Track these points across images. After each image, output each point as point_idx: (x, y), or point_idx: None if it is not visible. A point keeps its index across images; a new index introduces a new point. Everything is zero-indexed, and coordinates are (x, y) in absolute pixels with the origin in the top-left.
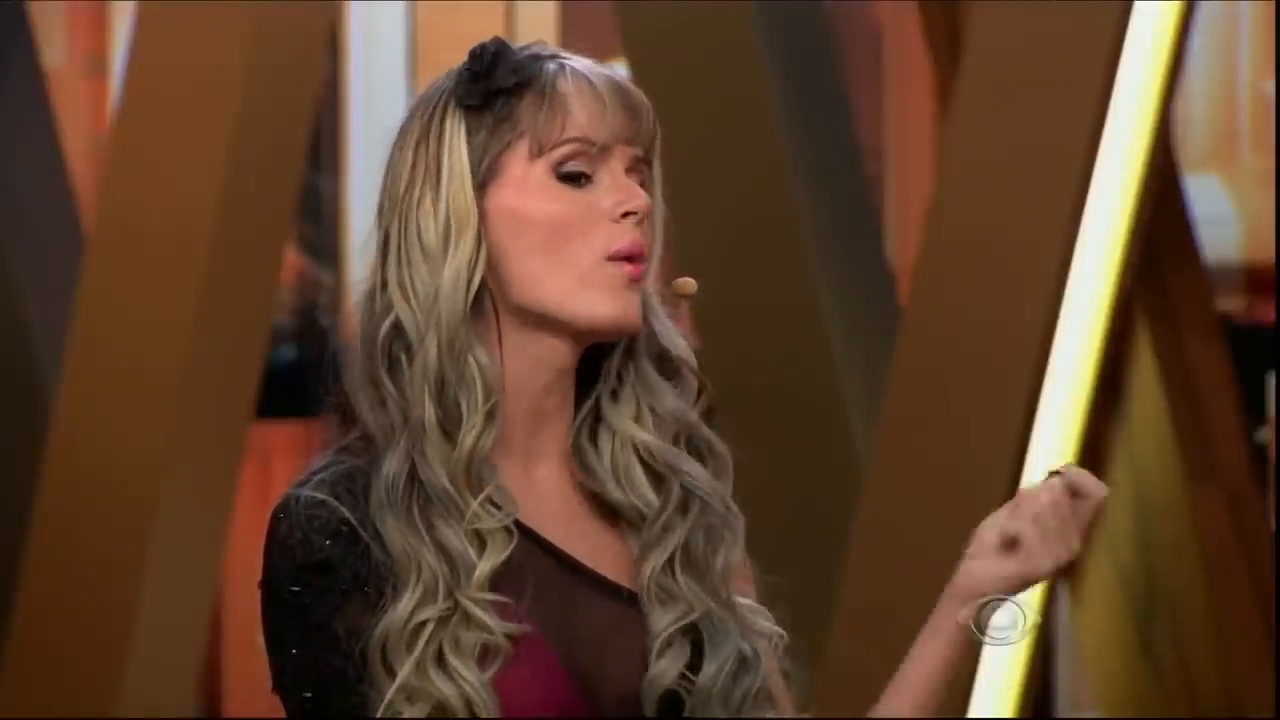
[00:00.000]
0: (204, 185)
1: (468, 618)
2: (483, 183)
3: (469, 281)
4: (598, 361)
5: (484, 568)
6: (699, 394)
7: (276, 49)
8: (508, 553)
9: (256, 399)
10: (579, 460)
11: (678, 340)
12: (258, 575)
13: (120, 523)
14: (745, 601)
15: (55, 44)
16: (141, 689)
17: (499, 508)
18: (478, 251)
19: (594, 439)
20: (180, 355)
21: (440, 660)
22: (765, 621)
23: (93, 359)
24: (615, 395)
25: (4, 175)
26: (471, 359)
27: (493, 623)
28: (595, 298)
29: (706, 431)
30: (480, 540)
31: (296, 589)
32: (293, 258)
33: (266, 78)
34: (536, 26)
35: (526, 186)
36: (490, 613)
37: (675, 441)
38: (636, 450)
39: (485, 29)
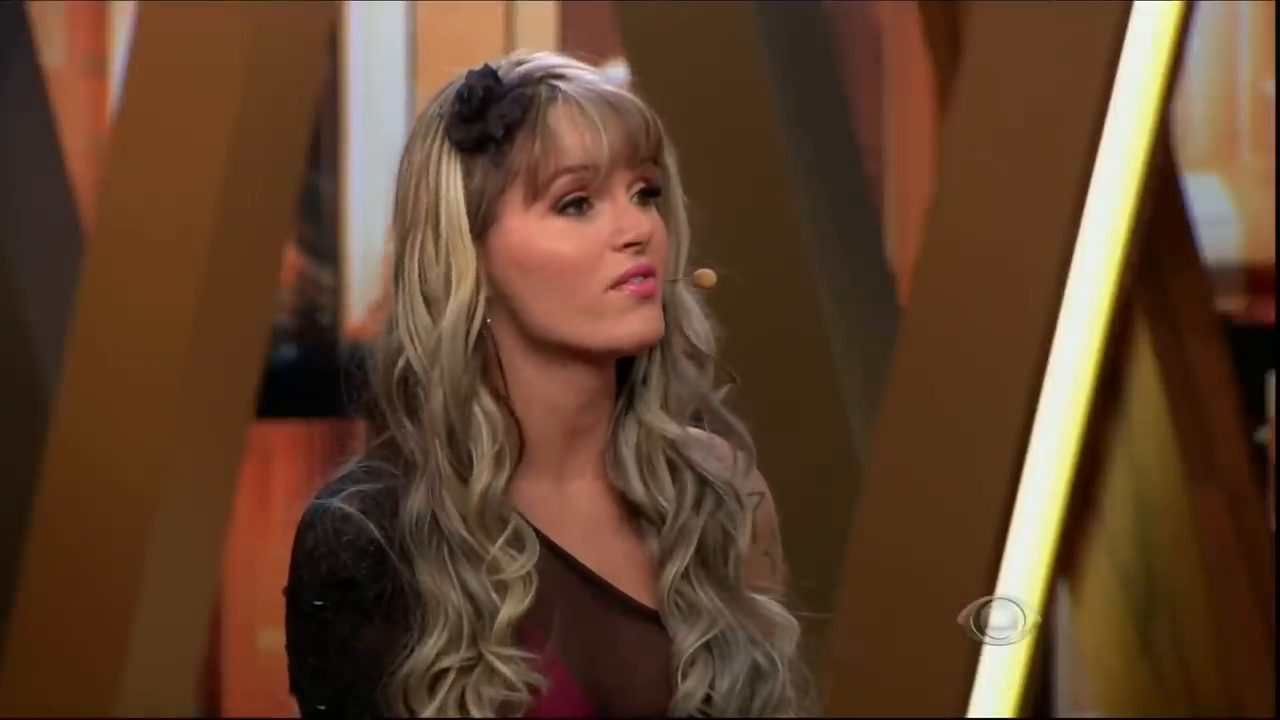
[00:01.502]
0: (204, 185)
1: (491, 672)
2: (482, 228)
3: (467, 330)
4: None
5: (503, 618)
6: (721, 381)
7: (276, 49)
8: (527, 602)
9: (256, 399)
10: (612, 454)
11: (702, 334)
12: (258, 575)
13: (120, 523)
14: (759, 598)
15: (55, 44)
16: (141, 689)
17: (520, 549)
18: (475, 300)
19: (625, 431)
20: (180, 355)
21: (462, 709)
22: (780, 615)
23: (93, 359)
24: (645, 381)
25: (4, 175)
26: (477, 407)
27: (516, 677)
28: (608, 326)
29: (725, 413)
30: (503, 584)
31: (320, 603)
32: (293, 258)
33: (266, 78)
34: (536, 27)
35: (526, 230)
36: (514, 665)
37: (695, 419)
38: (661, 441)
39: (485, 29)
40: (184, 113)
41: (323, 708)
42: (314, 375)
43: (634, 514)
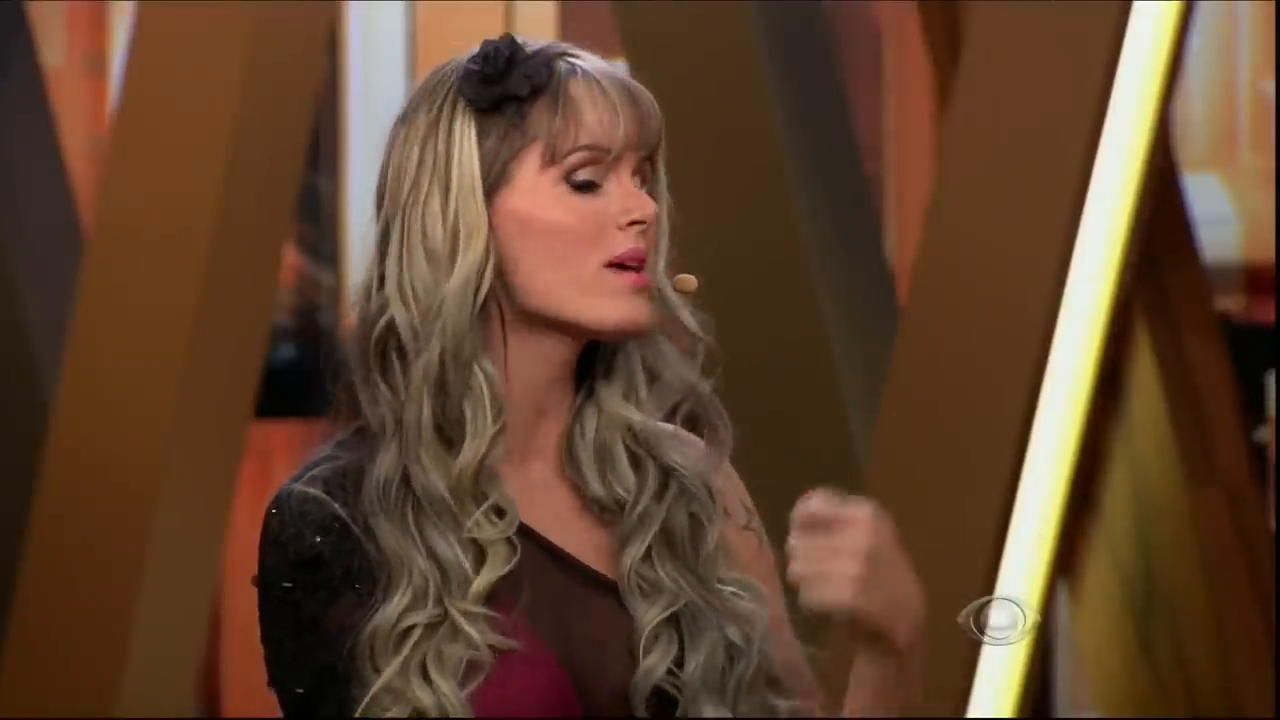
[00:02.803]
0: (204, 185)
1: (455, 630)
2: (492, 188)
3: (477, 289)
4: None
5: (481, 581)
6: (704, 369)
7: (276, 49)
8: (509, 566)
9: (256, 399)
10: (567, 449)
11: (688, 322)
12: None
13: (120, 523)
14: (727, 589)
15: (55, 44)
16: (141, 689)
17: (501, 517)
18: (486, 259)
19: (583, 421)
20: (180, 355)
21: (424, 669)
22: (750, 610)
23: (93, 359)
24: (608, 372)
25: (4, 175)
26: (478, 369)
27: (479, 637)
28: (599, 304)
29: (712, 400)
30: (479, 550)
31: (289, 584)
32: (292, 258)
33: (266, 78)
34: (536, 27)
35: (537, 194)
36: (479, 625)
37: (676, 410)
38: (621, 430)
39: (485, 29)
40: (184, 113)
41: (301, 691)
42: (314, 375)
43: (593, 502)
